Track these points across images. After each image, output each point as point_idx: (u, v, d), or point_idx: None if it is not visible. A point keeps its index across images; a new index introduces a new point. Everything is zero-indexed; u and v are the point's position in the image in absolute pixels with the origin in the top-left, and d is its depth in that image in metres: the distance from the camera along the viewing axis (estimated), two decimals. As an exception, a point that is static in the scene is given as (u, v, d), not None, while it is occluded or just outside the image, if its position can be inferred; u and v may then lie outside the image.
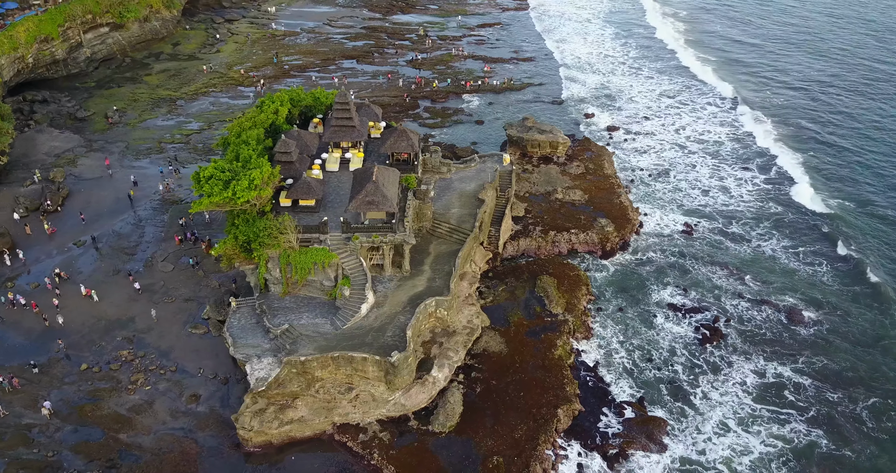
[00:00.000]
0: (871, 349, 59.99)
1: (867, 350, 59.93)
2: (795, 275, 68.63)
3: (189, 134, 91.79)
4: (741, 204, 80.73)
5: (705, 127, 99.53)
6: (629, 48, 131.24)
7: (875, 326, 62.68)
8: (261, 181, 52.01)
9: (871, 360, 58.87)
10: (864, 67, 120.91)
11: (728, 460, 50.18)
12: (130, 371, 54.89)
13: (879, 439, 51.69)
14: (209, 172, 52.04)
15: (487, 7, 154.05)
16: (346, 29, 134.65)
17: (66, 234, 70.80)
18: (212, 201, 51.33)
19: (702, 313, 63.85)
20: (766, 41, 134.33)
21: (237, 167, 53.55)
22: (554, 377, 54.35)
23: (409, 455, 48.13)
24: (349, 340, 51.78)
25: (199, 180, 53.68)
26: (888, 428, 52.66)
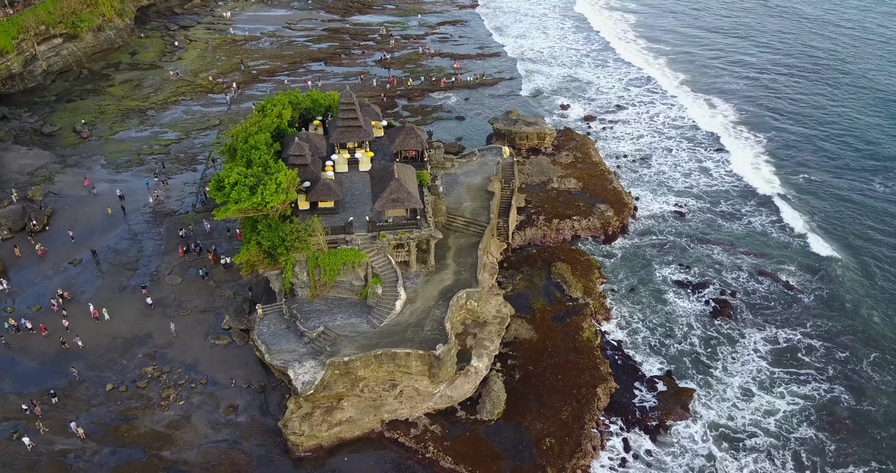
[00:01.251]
0: (862, 309, 64.34)
1: (859, 311, 64.22)
2: (788, 247, 72.79)
3: (168, 144, 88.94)
4: (725, 184, 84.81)
5: (678, 113, 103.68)
6: (591, 42, 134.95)
7: (861, 287, 67.29)
8: (287, 185, 51.39)
9: (863, 319, 63.14)
10: (802, 53, 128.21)
11: (757, 422, 53.12)
12: (160, 388, 53.24)
13: (888, 391, 55.72)
14: (234, 179, 50.99)
15: (444, 5, 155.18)
16: (308, 31, 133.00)
17: (58, 253, 67.71)
18: (240, 207, 50.33)
19: (707, 287, 66.94)
20: (711, 33, 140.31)
21: (258, 172, 52.67)
22: (586, 359, 56.04)
23: (463, 445, 48.74)
24: (389, 337, 51.88)
25: (219, 187, 52.52)
26: (891, 381, 56.83)
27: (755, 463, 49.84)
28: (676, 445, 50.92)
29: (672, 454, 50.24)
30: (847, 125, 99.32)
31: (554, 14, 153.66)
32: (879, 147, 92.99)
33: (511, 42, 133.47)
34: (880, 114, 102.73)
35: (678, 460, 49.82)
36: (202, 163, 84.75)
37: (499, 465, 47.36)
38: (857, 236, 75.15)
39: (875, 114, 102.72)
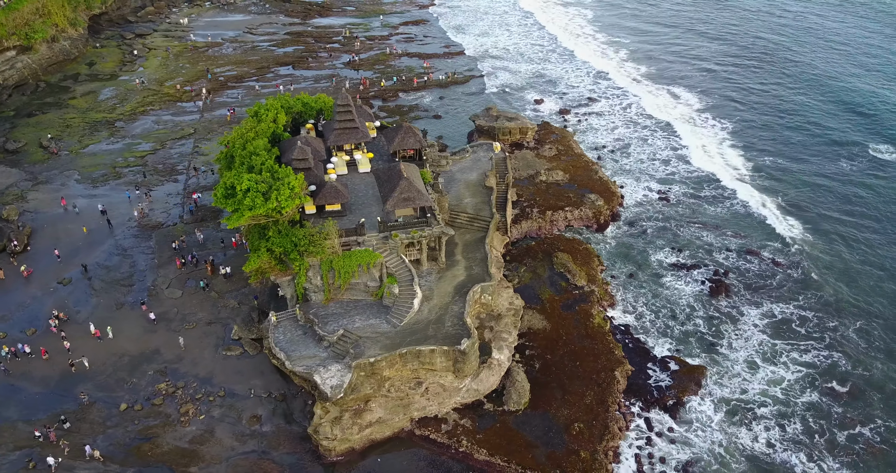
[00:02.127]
0: (841, 282, 67.87)
1: (838, 283, 67.72)
2: (769, 227, 75.93)
3: (143, 155, 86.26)
4: (702, 170, 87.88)
5: (646, 104, 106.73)
6: (554, 38, 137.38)
7: (836, 261, 70.97)
8: (299, 189, 50.82)
9: (842, 290, 66.62)
10: (752, 44, 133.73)
11: (765, 391, 55.58)
12: (177, 403, 51.80)
13: (877, 356, 59.06)
14: (246, 185, 50.01)
15: (404, 5, 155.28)
16: (270, 36, 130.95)
17: (45, 273, 64.87)
18: (255, 213, 49.46)
19: (700, 268, 69.41)
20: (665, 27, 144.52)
21: (267, 178, 51.87)
22: (600, 344, 57.42)
23: (495, 436, 49.29)
24: (411, 335, 51.94)
25: (228, 195, 51.49)
26: (878, 346, 60.22)
27: (767, 432, 52.12)
28: (696, 421, 52.79)
29: (693, 429, 52.06)
30: (802, 111, 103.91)
31: (514, 12, 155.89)
32: (834, 131, 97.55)
33: (474, 40, 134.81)
34: (828, 99, 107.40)
35: (699, 435, 51.65)
36: (182, 173, 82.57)
37: (533, 453, 48.14)
38: (827, 213, 78.96)
39: (824, 99, 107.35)
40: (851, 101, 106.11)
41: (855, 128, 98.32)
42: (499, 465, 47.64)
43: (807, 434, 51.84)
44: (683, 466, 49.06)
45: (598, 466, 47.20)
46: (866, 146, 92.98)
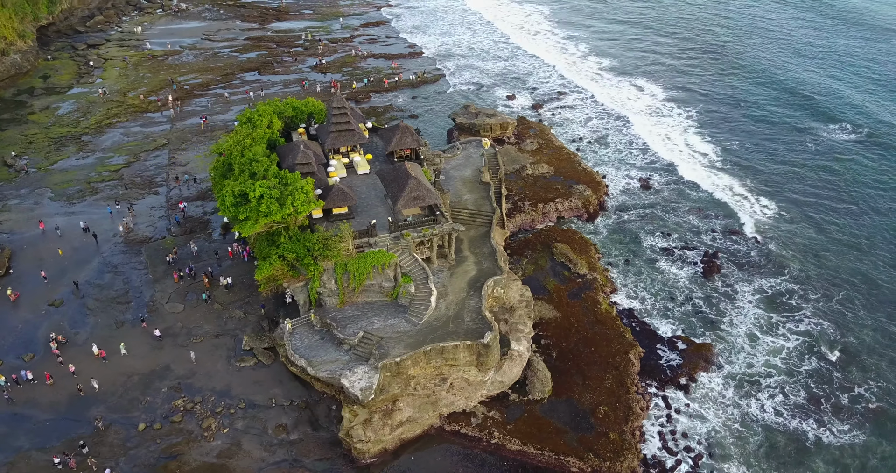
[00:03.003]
0: (817, 255, 71.55)
1: (817, 256, 71.44)
2: (746, 206, 79.49)
3: (118, 169, 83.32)
4: (677, 156, 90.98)
5: (614, 96, 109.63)
6: (515, 36, 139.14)
7: (811, 235, 74.91)
8: (313, 194, 50.35)
9: (822, 262, 70.33)
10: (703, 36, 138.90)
11: (768, 362, 58.26)
12: (197, 419, 50.55)
13: (862, 323, 62.63)
14: (259, 192, 49.17)
15: (361, 6, 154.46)
16: (230, 42, 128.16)
17: (33, 296, 62.09)
18: (271, 219, 48.72)
19: (691, 250, 72.04)
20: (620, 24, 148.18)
21: (276, 183, 51.15)
22: (610, 329, 58.99)
23: (525, 426, 50.09)
24: (433, 332, 52.19)
25: (237, 203, 50.51)
26: (862, 314, 63.81)
27: (776, 401, 54.60)
28: (709, 396, 54.90)
29: (708, 404, 54.12)
30: (756, 99, 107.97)
31: (471, 11, 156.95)
32: (788, 116, 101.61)
33: (437, 40, 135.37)
34: (779, 87, 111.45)
35: (714, 409, 53.72)
36: (162, 185, 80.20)
37: (564, 439, 49.16)
38: (795, 193, 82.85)
39: (775, 88, 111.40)
40: (800, 88, 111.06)
41: (807, 113, 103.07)
42: (532, 453, 48.49)
43: (812, 400, 54.63)
44: (705, 439, 51.05)
45: (628, 446, 48.60)
46: (820, 129, 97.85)
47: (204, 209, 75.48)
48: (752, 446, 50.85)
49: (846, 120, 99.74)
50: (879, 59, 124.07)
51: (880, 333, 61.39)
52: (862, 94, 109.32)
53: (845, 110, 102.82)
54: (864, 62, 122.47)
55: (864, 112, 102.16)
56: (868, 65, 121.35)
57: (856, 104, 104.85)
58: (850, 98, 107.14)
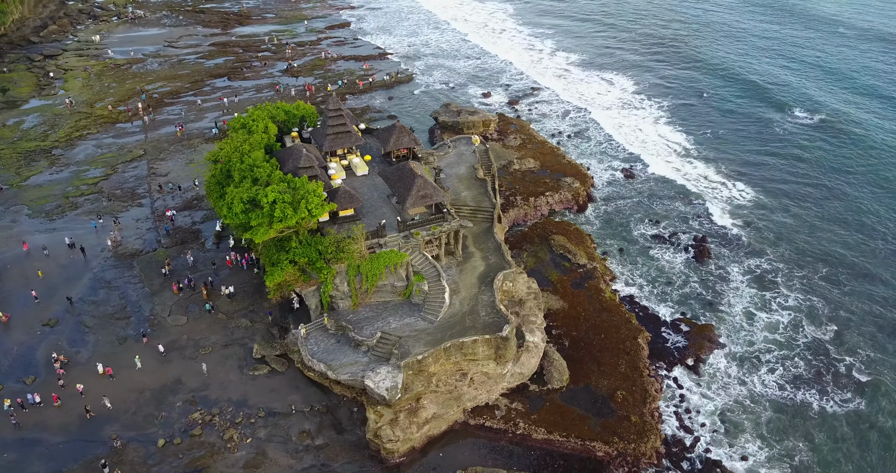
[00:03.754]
0: (798, 233, 75.05)
1: (797, 235, 74.79)
2: (725, 191, 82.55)
3: (96, 182, 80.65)
4: (654, 146, 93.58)
5: (587, 90, 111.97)
6: (480, 34, 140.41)
7: (790, 214, 78.34)
8: (324, 197, 50.04)
9: (802, 241, 73.71)
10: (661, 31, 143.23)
11: (766, 338, 60.74)
12: (217, 431, 49.59)
13: (846, 298, 65.80)
14: (272, 197, 48.51)
15: (324, 9, 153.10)
16: (194, 48, 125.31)
17: (25, 317, 59.61)
18: (286, 224, 48.16)
19: (680, 236, 74.34)
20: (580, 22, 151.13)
21: (286, 188, 50.59)
22: (616, 316, 60.46)
23: (549, 414, 50.94)
24: (450, 329, 52.51)
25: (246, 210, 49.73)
26: (845, 288, 67.02)
27: (779, 376, 57.00)
28: (717, 374, 56.92)
29: (716, 383, 56.10)
30: (718, 90, 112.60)
31: (435, 11, 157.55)
32: (750, 104, 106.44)
33: (404, 40, 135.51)
34: (738, 78, 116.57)
35: (723, 386, 55.74)
36: (145, 196, 78.02)
37: (587, 424, 50.21)
38: (768, 175, 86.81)
39: (734, 78, 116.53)
40: (756, 79, 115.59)
41: (766, 102, 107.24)
42: (558, 441, 49.40)
43: (812, 372, 57.24)
44: (718, 416, 52.91)
45: (649, 427, 50.00)
46: (780, 116, 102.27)
47: (192, 219, 73.85)
48: (762, 419, 52.98)
49: (803, 107, 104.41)
50: (826, 48, 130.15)
51: (865, 304, 64.69)
52: (814, 82, 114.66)
53: (801, 98, 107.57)
54: (812, 52, 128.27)
55: (818, 99, 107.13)
56: (816, 54, 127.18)
57: (810, 92, 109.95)
58: (804, 87, 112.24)
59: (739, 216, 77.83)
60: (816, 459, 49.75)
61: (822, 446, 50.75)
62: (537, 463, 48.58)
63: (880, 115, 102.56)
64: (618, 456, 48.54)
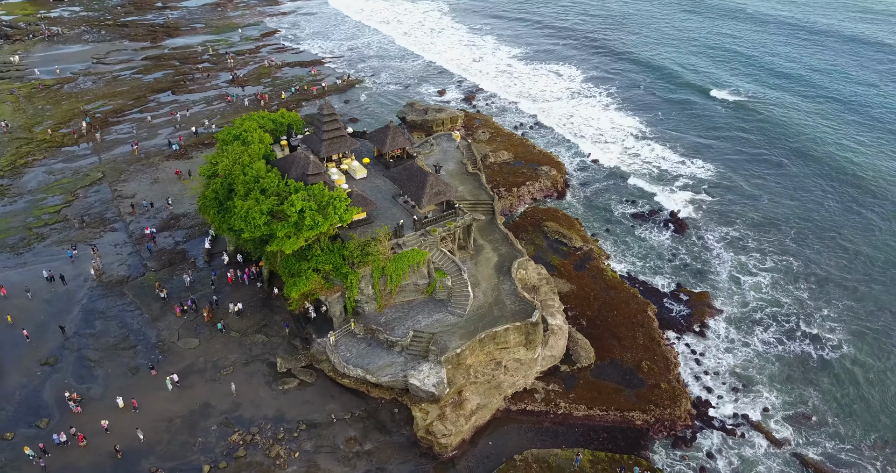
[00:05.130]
0: (760, 199, 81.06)
1: (759, 201, 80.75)
2: (689, 167, 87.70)
3: (58, 210, 75.70)
4: (612, 132, 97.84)
5: (537, 81, 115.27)
6: (423, 32, 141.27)
7: (746, 183, 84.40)
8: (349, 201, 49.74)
9: (765, 206, 79.67)
10: (585, 28, 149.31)
11: (756, 298, 65.38)
12: (261, 449, 48.38)
13: (818, 256, 71.76)
14: (300, 205, 47.59)
15: (253, 16, 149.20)
16: (126, 63, 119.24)
17: (20, 359, 55.59)
18: (317, 231, 47.49)
19: (658, 213, 78.40)
20: (511, 22, 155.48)
21: (306, 195, 49.84)
22: (622, 292, 63.33)
23: (585, 392, 52.92)
24: (481, 320, 53.42)
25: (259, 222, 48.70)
26: (816, 246, 72.87)
27: (777, 332, 61.45)
28: (723, 336, 60.79)
29: (724, 344, 59.92)
30: (647, 78, 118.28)
31: (366, 12, 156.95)
32: (682, 89, 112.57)
33: (345, 44, 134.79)
34: (660, 67, 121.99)
35: (731, 347, 59.58)
36: (116, 220, 74.06)
37: (623, 396, 52.57)
38: (720, 152, 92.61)
39: (657, 67, 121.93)
40: (683, 66, 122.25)
41: (697, 87, 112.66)
42: (599, 415, 51.51)
43: (805, 324, 62.12)
44: (733, 374, 56.69)
45: (679, 392, 52.99)
46: (714, 99, 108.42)
47: (174, 239, 70.93)
48: (771, 372, 57.19)
49: (730, 88, 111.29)
50: (737, 36, 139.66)
51: (833, 258, 70.76)
52: (733, 66, 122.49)
53: (727, 81, 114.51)
54: (727, 41, 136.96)
55: (741, 83, 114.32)
56: (730, 42, 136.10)
57: (731, 76, 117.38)
58: (725, 71, 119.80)
59: (705, 190, 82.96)
60: (826, 400, 54.33)
61: (827, 389, 55.45)
62: (583, 439, 50.45)
63: (798, 93, 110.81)
64: (656, 422, 51.19)
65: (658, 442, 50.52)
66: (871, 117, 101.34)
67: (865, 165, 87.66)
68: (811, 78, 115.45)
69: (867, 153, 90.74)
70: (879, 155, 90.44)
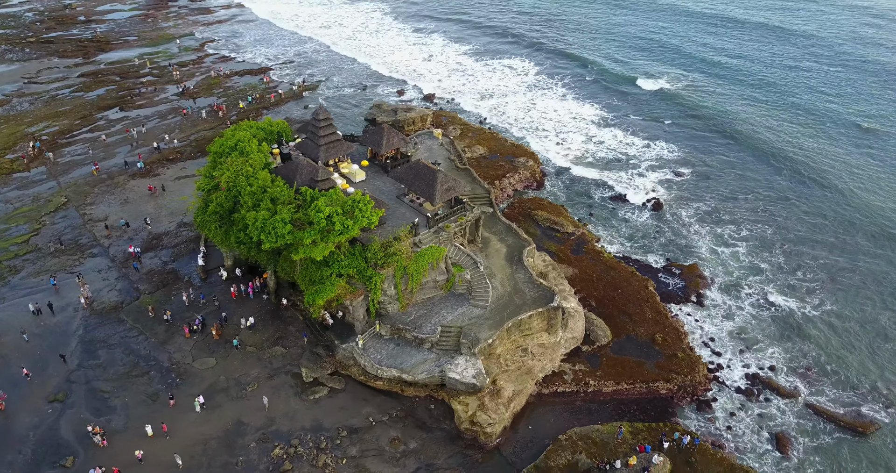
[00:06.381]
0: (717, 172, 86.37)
1: (717, 173, 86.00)
2: (651, 150, 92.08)
3: (26, 239, 71.19)
4: (573, 120, 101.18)
5: (493, 75, 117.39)
6: (365, 35, 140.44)
7: (704, 160, 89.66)
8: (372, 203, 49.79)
9: (728, 180, 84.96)
10: (524, 20, 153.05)
11: (739, 266, 69.74)
12: (306, 460, 47.83)
13: (779, 217, 77.19)
14: (328, 211, 47.12)
15: (187, 26, 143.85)
16: (62, 81, 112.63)
17: (25, 398, 52.33)
18: (349, 235, 47.39)
19: (634, 194, 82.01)
20: (444, 22, 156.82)
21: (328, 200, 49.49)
22: (621, 271, 66.12)
23: (610, 368, 55.14)
24: (504, 309, 54.61)
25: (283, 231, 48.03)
26: (783, 214, 77.97)
27: (756, 296, 65.96)
28: (719, 304, 64.66)
29: (721, 311, 63.79)
30: (605, 59, 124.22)
31: (307, 15, 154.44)
32: (621, 80, 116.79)
33: (291, 49, 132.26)
34: (599, 57, 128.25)
35: (728, 313, 63.50)
36: (93, 245, 70.46)
37: (646, 367, 55.14)
38: (676, 133, 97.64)
39: (599, 56, 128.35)
40: (610, 58, 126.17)
41: (629, 77, 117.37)
42: (626, 389, 53.88)
43: (786, 286, 66.98)
44: (735, 337, 60.48)
45: (695, 359, 56.12)
46: (652, 87, 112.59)
47: (161, 259, 68.32)
48: (768, 331, 61.40)
49: (660, 77, 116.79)
50: (670, 28, 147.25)
51: (800, 222, 76.34)
52: (661, 55, 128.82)
53: (652, 71, 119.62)
54: (659, 35, 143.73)
55: (672, 69, 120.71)
56: (660, 35, 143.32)
57: (660, 64, 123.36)
58: (652, 60, 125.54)
59: (672, 169, 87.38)
60: (821, 352, 58.92)
61: (820, 342, 60.08)
62: (615, 413, 52.70)
63: (735, 80, 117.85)
64: (679, 390, 54.08)
65: (685, 408, 53.43)
66: (783, 95, 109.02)
67: (803, 144, 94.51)
68: (743, 66, 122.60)
69: (793, 131, 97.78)
70: (805, 132, 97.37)
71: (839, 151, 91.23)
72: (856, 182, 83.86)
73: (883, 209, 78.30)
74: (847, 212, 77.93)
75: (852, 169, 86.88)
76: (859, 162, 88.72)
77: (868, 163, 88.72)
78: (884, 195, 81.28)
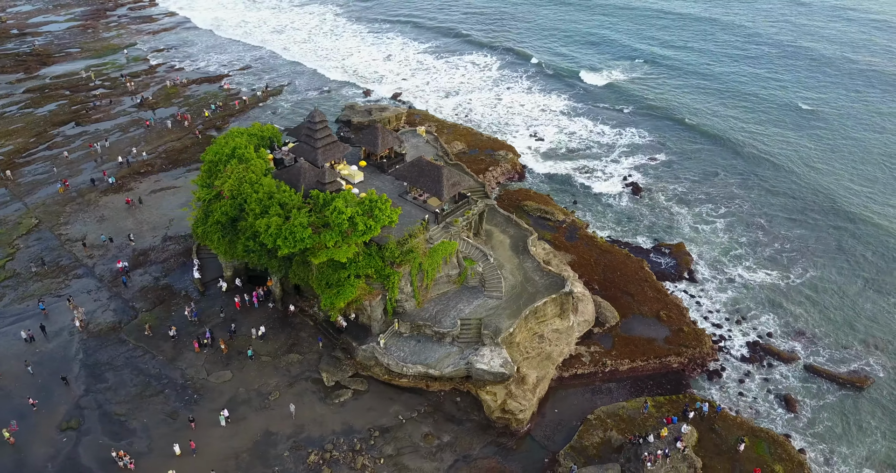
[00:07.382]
0: (694, 154, 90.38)
1: (694, 154, 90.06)
2: (625, 137, 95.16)
3: (1, 264, 67.52)
4: (541, 111, 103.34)
5: (457, 72, 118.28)
6: (325, 37, 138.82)
7: (682, 141, 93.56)
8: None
9: (701, 162, 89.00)
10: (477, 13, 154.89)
11: (720, 242, 73.30)
12: (346, 463, 47.67)
13: (757, 195, 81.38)
14: (349, 212, 46.83)
15: (131, 36, 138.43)
16: (7, 98, 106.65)
17: (35, 428, 49.87)
18: (372, 234, 47.37)
19: (613, 179, 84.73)
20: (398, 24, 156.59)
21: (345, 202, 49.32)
22: (617, 254, 68.39)
23: (623, 347, 57.12)
24: (518, 299, 55.69)
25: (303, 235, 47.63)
26: (756, 191, 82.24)
27: (741, 268, 69.58)
28: (710, 278, 67.80)
29: (713, 284, 67.00)
30: (563, 55, 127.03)
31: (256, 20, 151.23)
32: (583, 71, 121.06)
33: (247, 55, 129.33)
34: (572, 46, 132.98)
35: (720, 286, 66.79)
36: (76, 266, 67.51)
37: (656, 343, 57.39)
38: (642, 118, 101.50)
39: (569, 46, 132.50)
40: (565, 56, 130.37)
41: (589, 67, 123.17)
42: (640, 366, 55.95)
43: (766, 258, 70.86)
44: (731, 308, 63.60)
45: (699, 333, 58.75)
46: (608, 75, 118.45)
47: (152, 275, 66.15)
48: (759, 300, 64.93)
49: (615, 68, 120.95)
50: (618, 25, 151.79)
51: (768, 199, 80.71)
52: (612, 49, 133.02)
53: (606, 64, 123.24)
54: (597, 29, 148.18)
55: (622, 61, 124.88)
56: (598, 29, 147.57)
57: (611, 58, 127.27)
58: (605, 54, 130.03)
59: (646, 155, 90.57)
60: (810, 316, 62.80)
61: (808, 307, 64.01)
62: (634, 390, 54.72)
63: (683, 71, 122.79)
64: (689, 362, 56.56)
65: (698, 379, 55.96)
66: (728, 83, 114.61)
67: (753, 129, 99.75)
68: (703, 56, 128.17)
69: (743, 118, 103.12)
70: (753, 118, 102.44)
71: (787, 133, 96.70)
72: (804, 161, 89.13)
73: (831, 185, 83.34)
74: (802, 189, 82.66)
75: (799, 149, 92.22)
76: (805, 142, 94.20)
77: (812, 143, 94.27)
78: (829, 173, 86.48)
